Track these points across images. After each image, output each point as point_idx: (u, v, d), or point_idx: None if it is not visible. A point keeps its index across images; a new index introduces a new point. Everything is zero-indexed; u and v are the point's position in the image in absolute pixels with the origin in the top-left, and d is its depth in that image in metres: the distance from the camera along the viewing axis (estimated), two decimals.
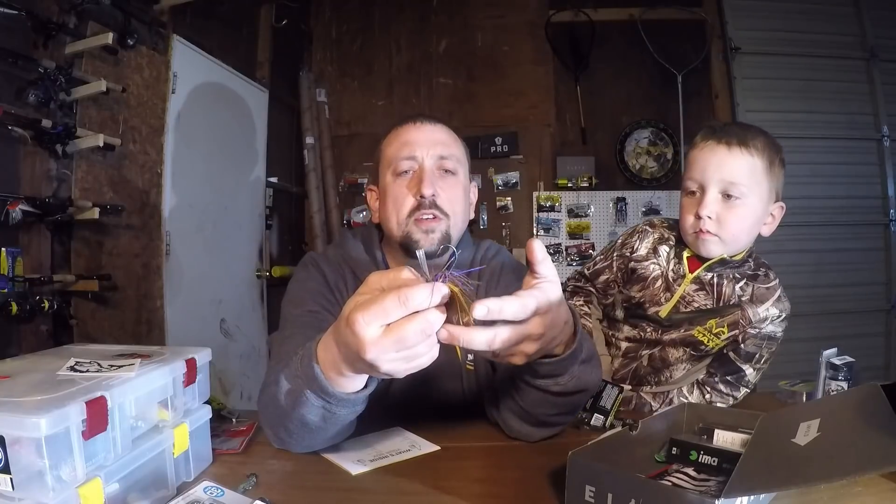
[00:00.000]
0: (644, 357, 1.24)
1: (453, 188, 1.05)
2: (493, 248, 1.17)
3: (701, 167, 1.09)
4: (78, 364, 0.69)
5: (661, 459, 0.80)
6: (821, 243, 3.20)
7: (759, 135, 1.08)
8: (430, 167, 1.03)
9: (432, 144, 1.04)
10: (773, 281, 1.17)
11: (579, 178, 3.37)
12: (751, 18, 3.35)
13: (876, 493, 0.72)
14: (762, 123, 1.21)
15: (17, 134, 1.56)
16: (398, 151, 1.05)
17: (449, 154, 1.05)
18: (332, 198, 3.48)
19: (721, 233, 1.09)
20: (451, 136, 1.09)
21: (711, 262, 1.13)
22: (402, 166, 1.04)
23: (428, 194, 1.01)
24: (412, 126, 1.07)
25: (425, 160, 1.03)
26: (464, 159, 1.10)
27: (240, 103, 2.84)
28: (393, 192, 1.05)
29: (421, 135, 1.05)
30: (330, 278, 1.08)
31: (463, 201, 1.08)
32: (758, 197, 1.08)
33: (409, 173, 1.04)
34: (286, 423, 0.77)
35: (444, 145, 1.05)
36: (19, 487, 0.54)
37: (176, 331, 2.25)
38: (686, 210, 1.13)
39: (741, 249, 1.14)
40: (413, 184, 1.03)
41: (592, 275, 1.30)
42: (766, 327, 1.16)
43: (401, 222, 1.03)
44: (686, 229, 1.13)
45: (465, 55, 3.53)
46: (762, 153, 1.06)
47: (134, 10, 2.02)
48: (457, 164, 1.06)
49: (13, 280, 1.53)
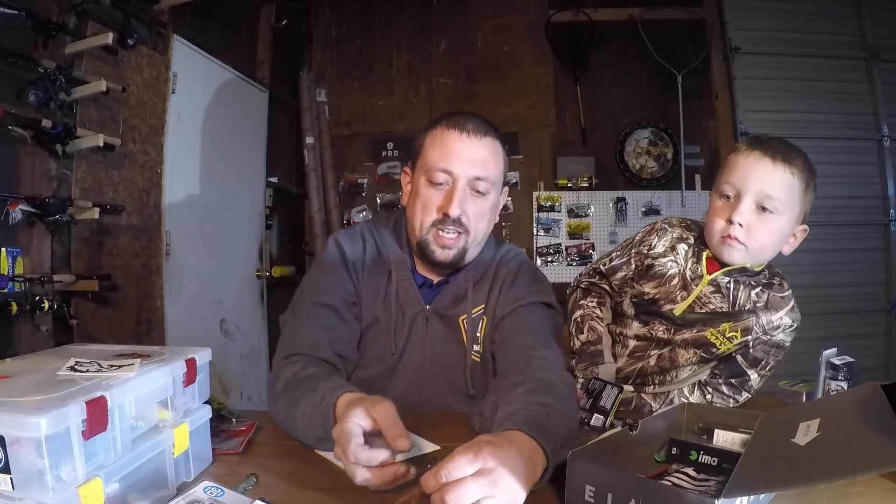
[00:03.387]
0: (653, 357, 1.23)
1: (480, 207, 1.09)
2: (512, 252, 1.21)
3: (742, 174, 1.08)
4: (78, 364, 0.69)
5: (661, 459, 0.80)
6: (821, 243, 3.20)
7: (801, 155, 1.09)
8: (462, 188, 1.06)
9: (471, 164, 1.06)
10: (787, 291, 1.17)
11: (579, 178, 3.37)
12: (751, 18, 3.35)
13: (876, 493, 0.72)
14: (762, 123, 1.22)
15: (17, 134, 1.56)
16: (437, 160, 1.07)
17: (485, 176, 1.07)
18: (332, 198, 3.48)
19: (749, 242, 1.09)
20: (492, 154, 1.09)
21: (731, 268, 1.13)
22: (437, 178, 1.06)
23: (454, 215, 1.05)
24: (457, 136, 1.07)
25: (459, 179, 1.06)
26: (500, 178, 1.12)
27: (240, 103, 2.84)
28: (423, 196, 1.08)
29: (463, 150, 1.06)
30: (349, 255, 1.13)
31: (488, 217, 1.11)
32: (789, 215, 1.08)
33: (442, 185, 1.07)
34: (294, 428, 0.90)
35: (482, 165, 1.07)
36: (19, 487, 0.54)
37: (176, 331, 2.25)
38: (717, 213, 1.12)
39: (762, 263, 1.15)
40: (444, 199, 1.06)
41: (609, 271, 1.28)
42: (777, 335, 1.16)
43: (423, 228, 1.08)
44: (713, 231, 1.13)
45: (465, 55, 3.53)
46: (802, 174, 1.07)
47: (134, 10, 2.02)
48: (489, 187, 1.08)
49: (13, 280, 1.53)
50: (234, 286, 2.80)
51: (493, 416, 0.86)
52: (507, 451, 0.64)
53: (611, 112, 3.43)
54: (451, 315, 1.12)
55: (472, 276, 1.14)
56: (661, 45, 3.29)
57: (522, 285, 1.13)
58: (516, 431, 0.72)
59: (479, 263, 1.16)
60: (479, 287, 1.14)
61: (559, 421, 0.79)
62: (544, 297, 1.13)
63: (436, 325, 1.12)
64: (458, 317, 1.12)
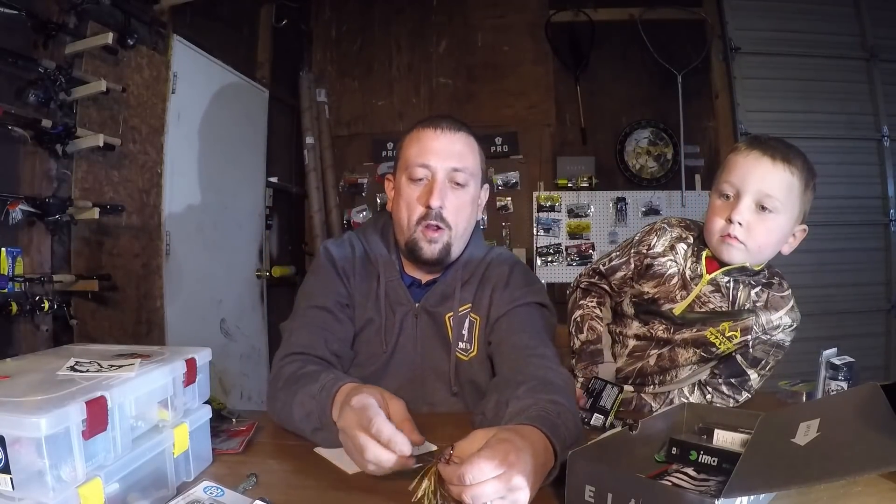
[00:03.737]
0: (652, 356, 1.23)
1: (461, 199, 1.12)
2: (504, 254, 1.23)
3: (742, 174, 1.08)
4: (78, 364, 0.69)
5: (661, 459, 0.80)
6: (821, 243, 3.20)
7: (800, 155, 1.09)
8: (442, 180, 1.10)
9: (447, 156, 1.10)
10: (786, 290, 1.18)
11: (579, 178, 3.37)
12: (751, 18, 3.35)
13: (876, 493, 0.72)
14: (762, 123, 1.22)
15: (17, 134, 1.56)
16: (415, 157, 1.11)
17: (462, 167, 1.11)
18: (332, 198, 3.48)
19: (748, 241, 1.09)
20: (467, 147, 1.13)
21: (731, 267, 1.13)
22: (416, 174, 1.11)
23: (435, 206, 1.09)
24: (432, 133, 1.12)
25: (438, 171, 1.10)
26: (477, 170, 1.15)
27: (240, 103, 2.84)
28: (406, 195, 1.12)
29: (439, 144, 1.11)
30: (338, 262, 1.16)
31: (469, 211, 1.14)
32: (789, 215, 1.09)
33: (422, 181, 1.11)
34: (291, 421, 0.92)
35: (459, 157, 1.11)
36: (19, 487, 0.54)
37: (176, 331, 2.25)
38: (716, 212, 1.12)
39: (762, 262, 1.15)
40: (424, 193, 1.10)
41: (608, 271, 1.28)
42: (777, 335, 1.16)
43: (410, 227, 1.12)
44: (713, 231, 1.13)
45: (465, 55, 3.53)
46: (801, 174, 1.07)
47: (134, 9, 2.02)
48: (468, 178, 1.12)
49: (13, 280, 1.53)
50: (234, 286, 2.80)
51: (496, 416, 0.87)
52: (525, 454, 0.65)
53: (611, 112, 3.43)
54: (438, 312, 1.14)
55: (460, 276, 1.16)
56: (661, 45, 3.29)
57: (516, 286, 1.14)
58: (530, 427, 0.72)
59: (469, 263, 1.17)
60: (467, 286, 1.16)
61: (569, 420, 0.81)
62: (538, 298, 1.15)
63: (425, 323, 1.15)
64: (444, 314, 1.14)
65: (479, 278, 1.17)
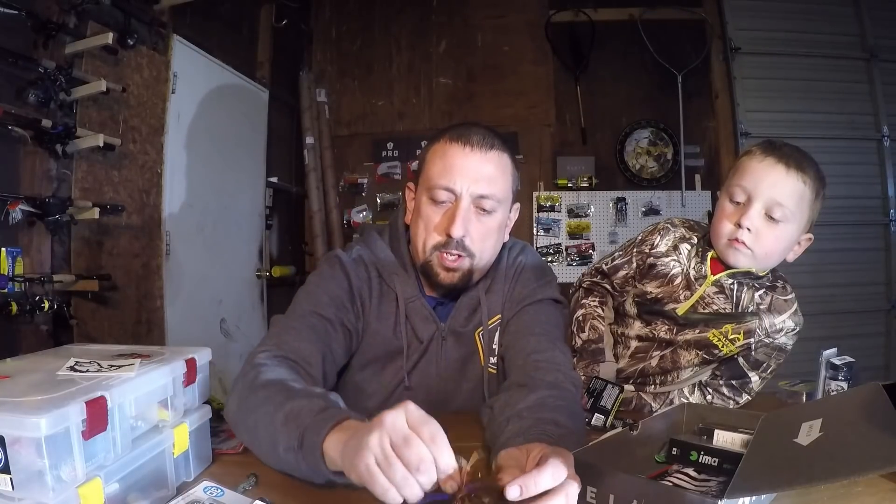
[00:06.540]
0: (654, 358, 1.23)
1: (486, 226, 1.01)
2: (515, 248, 1.16)
3: (754, 179, 1.07)
4: (78, 364, 0.69)
5: (662, 460, 0.80)
6: (821, 243, 3.15)
7: (813, 164, 1.09)
8: (466, 207, 0.98)
9: (475, 180, 0.98)
10: (790, 294, 1.17)
11: (579, 178, 3.37)
12: (751, 18, 3.35)
13: (876, 493, 0.72)
14: (762, 123, 1.22)
15: (17, 134, 1.55)
16: (438, 177, 0.99)
17: (490, 193, 0.99)
18: (332, 198, 3.48)
19: (755, 247, 1.08)
20: (499, 169, 1.01)
21: (736, 271, 1.13)
22: (439, 196, 0.99)
23: (457, 236, 0.98)
24: (460, 149, 0.99)
25: (463, 197, 0.98)
26: (507, 194, 1.04)
27: (240, 103, 2.84)
28: (425, 216, 1.02)
29: (467, 164, 0.98)
30: (354, 284, 1.05)
31: (495, 238, 1.04)
32: (797, 224, 1.08)
33: (445, 203, 1.00)
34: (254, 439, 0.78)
35: (488, 182, 0.99)
36: (19, 487, 0.54)
37: (176, 331, 2.25)
38: (725, 215, 1.11)
39: (767, 268, 1.15)
40: (444, 220, 0.99)
41: (610, 270, 1.28)
42: (780, 338, 1.16)
43: (426, 249, 1.02)
44: (720, 234, 1.12)
45: (465, 55, 3.52)
46: (813, 183, 1.07)
47: (134, 10, 2.02)
48: (496, 205, 1.01)
49: (13, 280, 1.53)
50: (234, 286, 2.80)
51: (502, 412, 0.84)
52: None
53: (611, 112, 3.43)
54: (467, 332, 1.09)
55: (482, 286, 1.09)
56: (661, 45, 3.28)
57: (526, 283, 1.10)
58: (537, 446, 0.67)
59: (490, 274, 1.11)
60: (492, 295, 1.09)
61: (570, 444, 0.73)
62: (549, 293, 1.10)
63: (451, 345, 1.09)
64: (473, 332, 1.09)
65: (501, 282, 1.11)
